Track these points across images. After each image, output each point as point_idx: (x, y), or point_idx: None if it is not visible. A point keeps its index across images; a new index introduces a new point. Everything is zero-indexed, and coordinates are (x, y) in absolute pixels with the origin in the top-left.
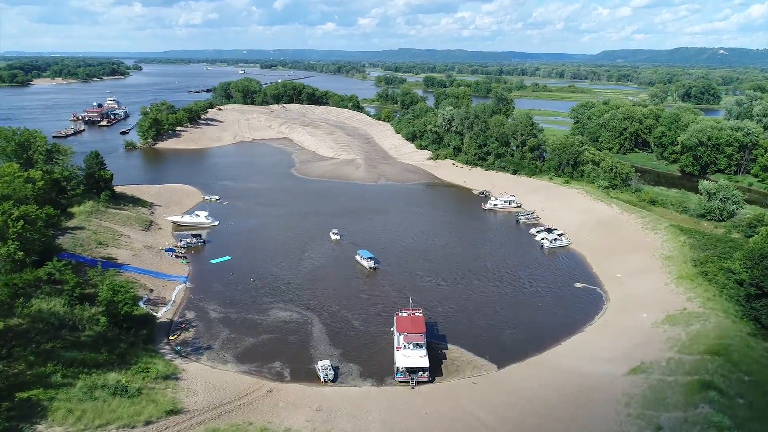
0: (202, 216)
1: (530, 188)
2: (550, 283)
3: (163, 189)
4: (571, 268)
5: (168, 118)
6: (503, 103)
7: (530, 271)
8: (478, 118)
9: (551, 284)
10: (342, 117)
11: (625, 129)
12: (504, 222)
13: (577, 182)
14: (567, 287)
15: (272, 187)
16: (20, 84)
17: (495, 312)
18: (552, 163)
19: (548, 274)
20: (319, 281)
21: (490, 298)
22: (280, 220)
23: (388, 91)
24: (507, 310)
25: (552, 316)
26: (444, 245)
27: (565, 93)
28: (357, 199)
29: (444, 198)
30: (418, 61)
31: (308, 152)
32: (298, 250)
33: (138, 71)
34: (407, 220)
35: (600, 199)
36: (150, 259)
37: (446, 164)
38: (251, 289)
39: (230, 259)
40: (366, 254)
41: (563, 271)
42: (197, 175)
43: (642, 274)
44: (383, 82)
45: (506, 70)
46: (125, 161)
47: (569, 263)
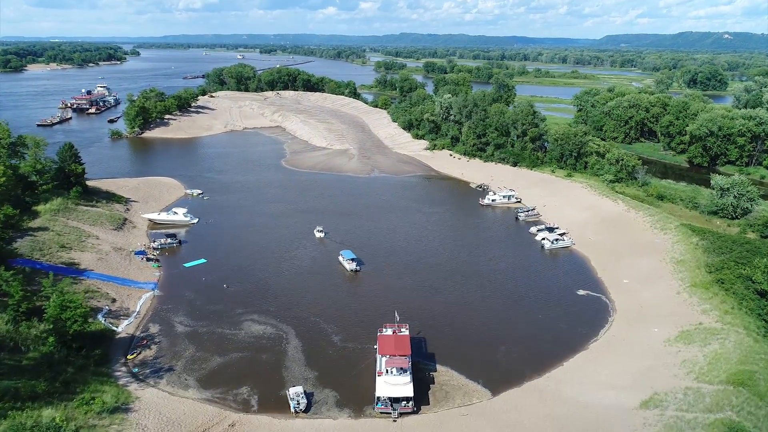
0: (180, 213)
1: (531, 181)
2: (551, 289)
3: (142, 183)
4: (574, 272)
5: (156, 106)
6: (504, 90)
7: (530, 275)
8: (477, 106)
9: (552, 291)
10: (337, 104)
11: (631, 118)
12: (502, 219)
13: (580, 174)
14: (569, 295)
15: (259, 180)
16: (14, 69)
17: (490, 324)
18: (554, 154)
19: (549, 280)
20: (299, 287)
21: (485, 307)
22: (263, 216)
23: (386, 77)
24: (503, 322)
25: (553, 329)
26: (437, 245)
27: (568, 79)
28: (347, 193)
29: (440, 192)
30: (420, 45)
31: (300, 142)
32: (279, 250)
33: (135, 56)
34: (399, 216)
35: (605, 195)
36: (117, 263)
37: (443, 155)
38: (224, 298)
39: (206, 261)
40: (348, 255)
41: (565, 275)
42: (183, 166)
43: (651, 281)
44: (383, 67)
45: (508, 55)
46: (109, 152)
47: (572, 267)
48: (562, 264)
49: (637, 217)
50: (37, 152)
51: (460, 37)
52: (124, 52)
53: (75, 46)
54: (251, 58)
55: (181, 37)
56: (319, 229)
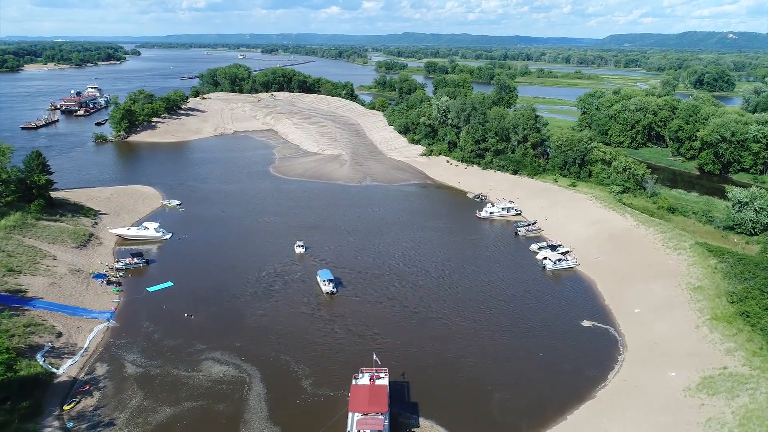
0: (151, 228)
1: (532, 191)
2: (552, 319)
3: (117, 192)
4: (579, 298)
5: (144, 109)
6: (506, 91)
7: (529, 302)
8: (475, 110)
9: (554, 322)
10: (333, 106)
11: (638, 121)
12: (501, 234)
13: (584, 184)
14: (574, 326)
15: (244, 190)
16: (10, 69)
17: (484, 365)
18: (557, 161)
19: (551, 307)
20: (270, 315)
21: (479, 343)
22: (242, 230)
23: (385, 78)
24: (499, 361)
25: (555, 370)
26: (428, 265)
27: (571, 79)
28: (336, 203)
29: (434, 203)
30: (422, 45)
31: (291, 146)
32: (253, 269)
33: (136, 56)
34: (389, 231)
35: (612, 207)
36: (72, 288)
37: (440, 161)
38: (185, 329)
39: (172, 285)
40: (326, 275)
41: (569, 302)
42: (165, 173)
43: (666, 311)
44: (383, 67)
45: (511, 55)
46: (90, 157)
47: (576, 292)
48: (566, 288)
49: (648, 234)
50: (2, 161)
51: (463, 37)
52: (125, 52)
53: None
54: (252, 58)
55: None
56: (299, 244)
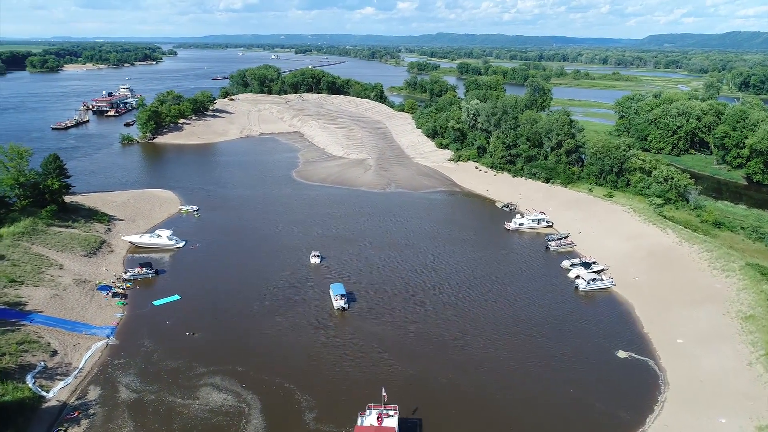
0: (164, 236)
1: (564, 201)
2: (584, 348)
3: (134, 197)
4: (614, 323)
5: (170, 110)
6: (539, 94)
7: (559, 327)
8: (507, 113)
9: (586, 351)
10: (361, 108)
11: (680, 127)
12: (530, 248)
13: (621, 194)
14: (608, 357)
15: (264, 195)
16: (50, 69)
17: (507, 402)
18: (592, 169)
19: (583, 334)
20: (275, 336)
21: (502, 374)
22: (257, 239)
23: (416, 79)
24: (525, 398)
25: (586, 411)
26: (450, 281)
27: (608, 81)
28: (357, 211)
29: (461, 212)
30: (456, 45)
31: (316, 150)
32: (264, 282)
33: (172, 56)
34: (410, 242)
35: (652, 221)
36: (75, 301)
37: (468, 167)
38: (187, 349)
39: (179, 298)
40: (338, 290)
41: (603, 329)
42: (186, 176)
43: (713, 343)
44: (415, 68)
45: (546, 56)
46: (114, 159)
47: (611, 316)
48: (600, 312)
49: (691, 252)
50: (20, 164)
51: (498, 37)
52: (162, 53)
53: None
54: (285, 59)
55: (221, 37)
56: (315, 254)
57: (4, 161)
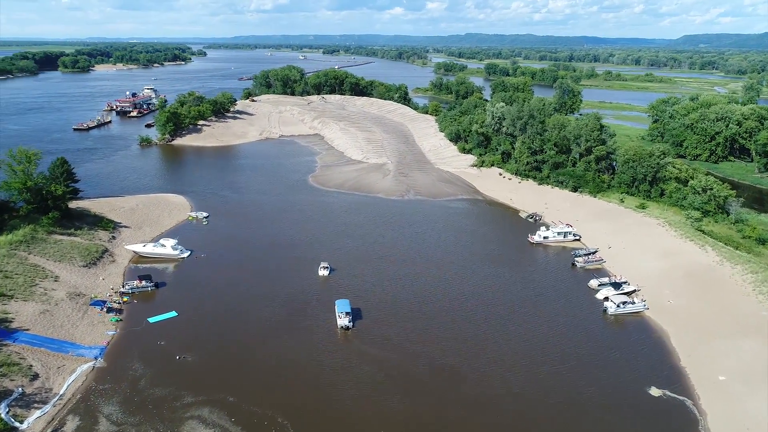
0: (168, 246)
1: (593, 212)
2: (614, 383)
3: (144, 202)
4: (647, 355)
5: (190, 111)
6: (568, 96)
7: (585, 358)
8: (533, 117)
9: (615, 386)
10: (384, 110)
11: (718, 132)
12: (555, 264)
13: (655, 204)
14: (640, 394)
15: (277, 201)
16: (81, 70)
17: None
18: (624, 178)
19: (612, 367)
20: (273, 358)
21: (520, 414)
22: (265, 248)
23: (442, 80)
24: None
25: None
26: (468, 301)
27: (641, 83)
28: (372, 219)
29: (482, 223)
30: (485, 46)
31: (335, 153)
32: (269, 297)
33: (201, 57)
34: (425, 255)
35: (689, 237)
36: (65, 317)
37: (492, 174)
38: (177, 374)
39: (176, 315)
40: (343, 307)
41: (634, 360)
42: (200, 180)
43: (761, 381)
44: (442, 69)
45: (577, 56)
46: (130, 161)
47: (644, 346)
48: (631, 341)
49: (734, 273)
50: (28, 167)
51: (527, 38)
52: (192, 53)
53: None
54: (313, 59)
55: (251, 37)
56: (324, 266)
57: (12, 164)
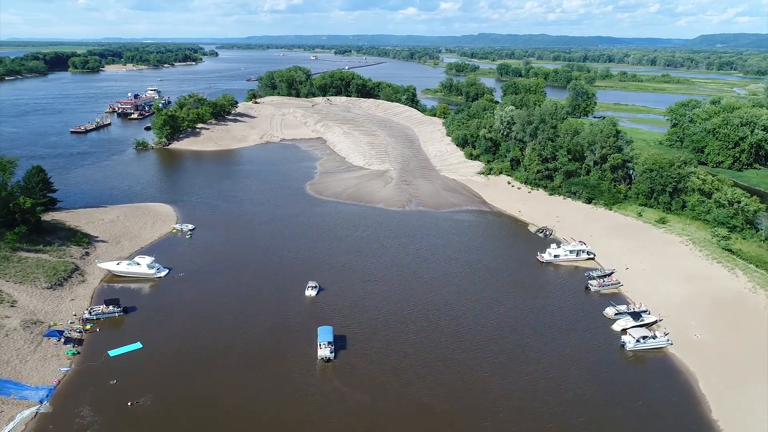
0: (143, 264)
1: (608, 227)
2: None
3: (126, 212)
4: (671, 403)
5: (189, 114)
6: (582, 98)
7: (599, 405)
8: (545, 122)
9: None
10: (390, 113)
11: (743, 138)
12: (567, 287)
13: (676, 218)
14: None
15: (271, 212)
16: (91, 70)
17: None
18: (642, 188)
19: (630, 416)
20: (242, 400)
21: None
22: (250, 266)
23: (452, 81)
24: None
25: None
26: (464, 331)
27: (658, 83)
28: (368, 233)
29: (488, 238)
30: (498, 46)
31: (337, 159)
32: (247, 324)
33: (213, 57)
34: (424, 275)
35: (716, 258)
36: (14, 351)
37: (500, 182)
38: (128, 424)
39: (140, 347)
40: (325, 335)
41: (656, 409)
42: (191, 188)
43: None
44: (453, 69)
45: (591, 57)
46: (122, 167)
47: (667, 392)
48: (652, 384)
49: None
50: (3, 177)
51: (541, 38)
52: (204, 53)
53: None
54: (324, 59)
55: (264, 38)
56: (312, 285)
57: None
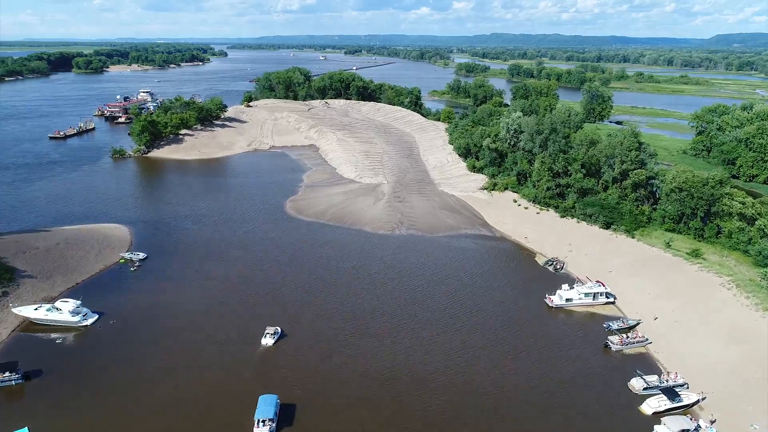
0: (66, 309)
1: (631, 261)
2: None
3: (70, 237)
4: None
5: (171, 119)
6: (597, 101)
7: None
8: (556, 132)
9: None
10: (390, 117)
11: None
12: (581, 343)
13: (710, 246)
14: None
15: (240, 236)
16: (94, 71)
17: None
18: (669, 210)
19: None
20: None
21: None
22: (201, 307)
23: (460, 83)
24: None
25: None
26: (455, 407)
27: (676, 84)
28: (347, 263)
29: (488, 271)
30: (511, 46)
31: (326, 170)
32: (178, 392)
33: (221, 57)
34: (406, 321)
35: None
36: None
37: (505, 200)
38: None
39: None
40: (265, 410)
41: None
42: (157, 204)
43: None
44: (463, 70)
45: (605, 57)
46: (89, 179)
47: None
48: None
49: None
50: None
51: (554, 38)
52: (213, 53)
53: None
54: (333, 59)
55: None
56: (270, 332)
57: None
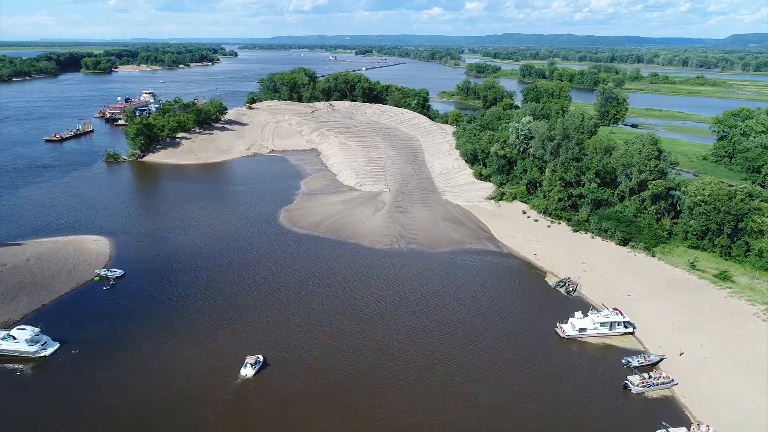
0: (21, 338)
1: (652, 283)
2: None
3: (44, 251)
4: None
5: (168, 122)
6: (611, 104)
7: None
8: (568, 138)
9: None
10: (395, 120)
11: None
12: (597, 383)
13: (738, 266)
14: None
15: (228, 250)
16: (103, 71)
17: None
18: (693, 226)
19: None
20: None
21: None
22: (178, 334)
23: (469, 84)
24: None
25: None
26: None
27: (692, 86)
28: (340, 283)
29: (494, 294)
30: (522, 46)
31: (326, 176)
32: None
33: (231, 57)
34: (399, 352)
35: None
36: None
37: (513, 211)
38: None
39: None
40: None
41: None
42: (146, 214)
43: None
44: (474, 70)
45: (619, 57)
46: (77, 186)
47: None
48: None
49: None
50: None
51: (567, 38)
52: (224, 53)
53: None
54: (343, 60)
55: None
56: (250, 362)
57: None
